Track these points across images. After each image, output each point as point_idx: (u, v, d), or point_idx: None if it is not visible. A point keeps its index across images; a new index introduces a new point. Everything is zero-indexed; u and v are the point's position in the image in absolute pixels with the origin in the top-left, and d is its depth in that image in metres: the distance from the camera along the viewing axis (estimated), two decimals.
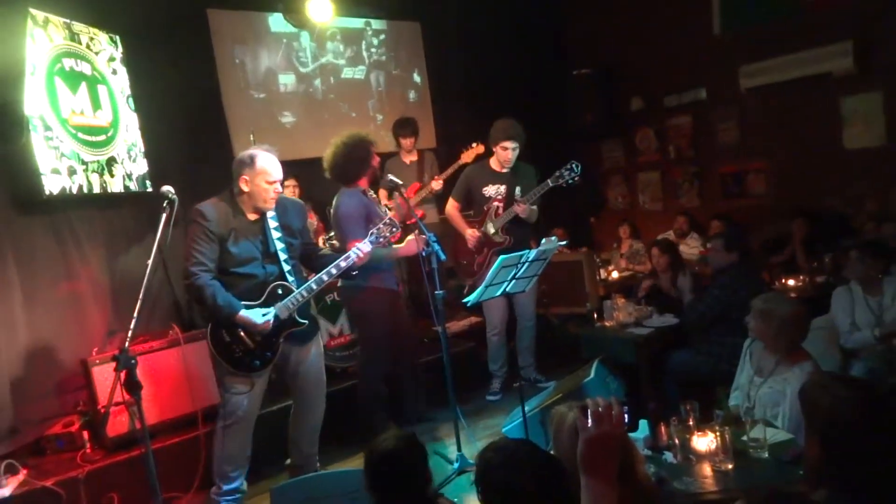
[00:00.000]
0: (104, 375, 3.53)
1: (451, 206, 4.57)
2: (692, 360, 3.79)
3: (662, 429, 2.52)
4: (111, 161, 4.25)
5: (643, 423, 2.51)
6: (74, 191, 3.91)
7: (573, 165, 4.09)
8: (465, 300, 3.42)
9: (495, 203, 4.36)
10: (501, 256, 3.19)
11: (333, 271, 3.07)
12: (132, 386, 2.36)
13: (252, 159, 2.94)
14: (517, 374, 4.23)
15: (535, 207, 4.38)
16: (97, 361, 3.61)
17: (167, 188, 2.66)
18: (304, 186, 5.04)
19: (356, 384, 3.88)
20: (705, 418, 2.59)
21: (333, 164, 3.58)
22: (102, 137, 4.21)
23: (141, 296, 2.43)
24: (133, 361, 2.36)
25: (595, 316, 4.70)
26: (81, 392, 3.75)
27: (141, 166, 4.55)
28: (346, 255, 3.12)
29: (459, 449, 3.46)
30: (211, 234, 2.88)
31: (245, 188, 2.94)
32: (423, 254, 3.39)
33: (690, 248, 5.95)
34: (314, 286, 3.05)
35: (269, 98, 5.74)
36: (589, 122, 6.87)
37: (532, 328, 4.61)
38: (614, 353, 4.07)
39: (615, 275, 6.01)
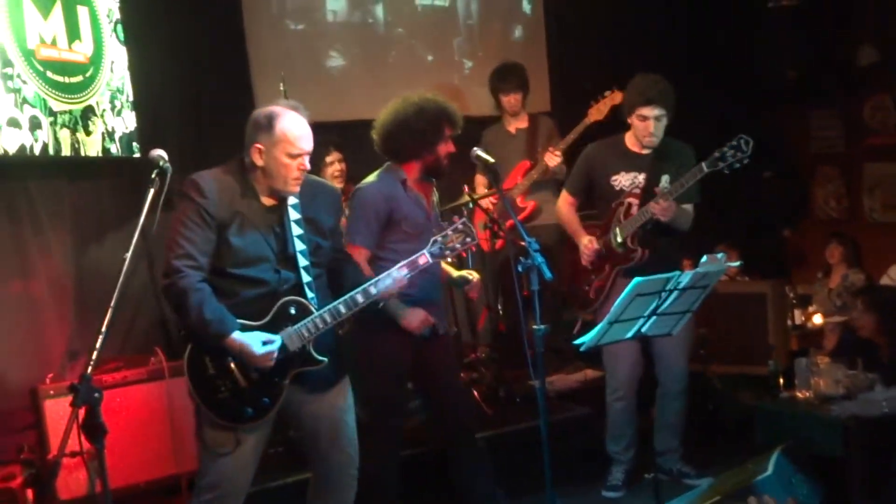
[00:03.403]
0: (60, 412, 3.75)
1: (564, 200, 4.56)
2: None
3: None
4: (88, 112, 4.51)
5: None
6: (37, 151, 4.16)
7: (741, 142, 3.98)
8: (577, 341, 3.40)
9: (629, 200, 4.31)
10: (636, 279, 3.14)
11: (359, 299, 3.09)
12: (93, 430, 2.45)
13: (270, 121, 2.97)
14: (652, 461, 4.14)
15: (689, 207, 4.28)
16: (52, 392, 3.84)
17: (158, 153, 2.77)
18: (354, 162, 5.15)
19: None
20: None
21: (385, 126, 3.66)
22: (79, 78, 4.48)
23: (113, 303, 2.52)
24: (97, 395, 2.44)
25: (781, 381, 4.56)
26: (29, 433, 3.99)
27: (128, 122, 4.81)
28: (379, 278, 3.13)
29: None
30: (207, 217, 2.90)
31: (259, 161, 2.98)
32: (520, 269, 3.40)
33: None
34: (343, 309, 3.07)
35: (311, 31, 5.93)
36: (790, 80, 6.67)
37: (682, 396, 4.50)
38: (808, 441, 3.97)
39: (818, 320, 5.80)
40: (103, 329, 2.50)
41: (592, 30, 6.51)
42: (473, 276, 3.87)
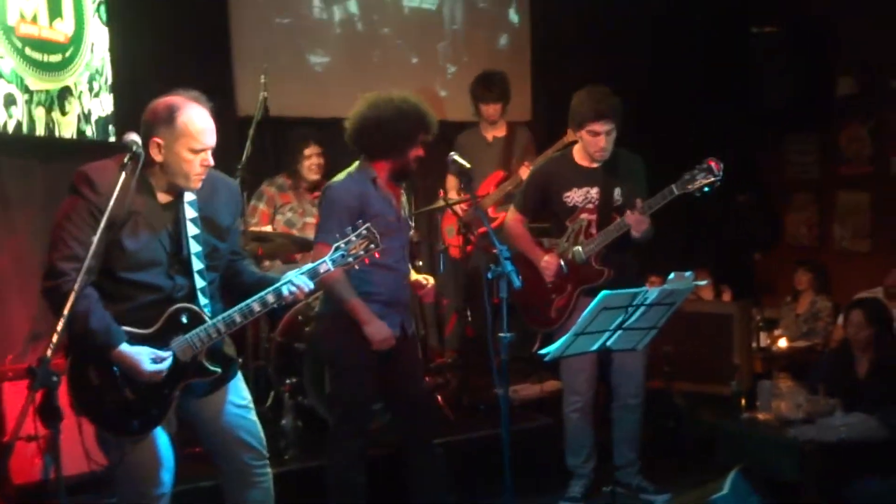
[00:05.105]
0: (18, 395, 3.69)
1: (513, 217, 4.48)
2: (891, 494, 3.66)
3: None
4: (65, 93, 4.46)
5: None
6: (10, 128, 4.12)
7: (711, 165, 4.00)
8: (541, 351, 3.41)
9: (584, 216, 4.31)
10: (604, 292, 3.16)
11: (256, 307, 2.92)
12: (49, 414, 2.42)
13: (171, 113, 2.81)
14: (611, 474, 4.16)
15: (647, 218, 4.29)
16: (10, 374, 3.78)
17: (132, 137, 2.74)
18: (334, 160, 5.13)
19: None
20: None
21: (361, 122, 3.63)
22: (58, 58, 4.44)
23: (76, 286, 2.51)
24: (55, 379, 2.41)
25: (743, 402, 4.59)
26: None
27: (105, 105, 4.77)
28: (279, 285, 2.96)
29: None
30: (99, 216, 2.66)
31: (157, 156, 2.81)
32: (490, 276, 3.41)
33: None
34: (238, 318, 2.91)
35: (296, 25, 5.91)
36: (770, 105, 6.74)
37: (638, 409, 4.51)
38: (765, 464, 3.98)
39: (783, 343, 5.88)
40: (65, 312, 2.48)
41: (578, 43, 6.55)
42: (428, 280, 3.86)
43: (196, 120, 2.84)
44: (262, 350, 4.72)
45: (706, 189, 3.99)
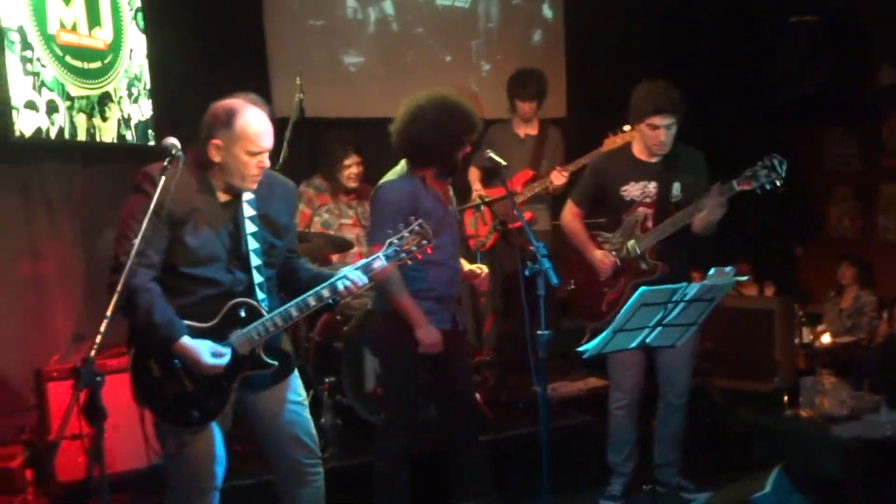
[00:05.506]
0: (63, 394, 3.77)
1: (570, 212, 4.47)
2: None
3: None
4: (105, 98, 4.56)
5: None
6: (53, 134, 4.21)
7: (774, 161, 3.93)
8: (580, 348, 3.41)
9: (641, 209, 4.28)
10: (642, 288, 3.14)
11: (312, 302, 3.00)
12: (93, 413, 2.48)
13: (230, 116, 2.89)
14: (650, 473, 4.14)
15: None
16: (55, 374, 3.86)
17: (171, 141, 2.79)
18: (368, 159, 5.17)
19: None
20: None
21: (408, 131, 3.66)
22: (98, 64, 4.53)
23: (119, 288, 2.56)
24: (99, 379, 2.46)
25: (785, 399, 4.54)
26: (31, 414, 4.03)
27: (143, 109, 4.86)
28: (333, 280, 3.03)
29: None
30: (161, 212, 2.79)
31: (216, 157, 2.90)
32: (527, 273, 3.41)
33: None
34: (294, 312, 3.00)
35: (330, 27, 5.96)
36: (808, 96, 6.66)
37: (683, 409, 4.48)
38: (808, 461, 3.97)
39: (826, 339, 5.81)
40: (108, 313, 2.53)
41: (612, 38, 6.52)
42: (483, 269, 3.88)
43: (253, 123, 2.91)
44: (301, 349, 4.76)
45: (767, 186, 3.92)
